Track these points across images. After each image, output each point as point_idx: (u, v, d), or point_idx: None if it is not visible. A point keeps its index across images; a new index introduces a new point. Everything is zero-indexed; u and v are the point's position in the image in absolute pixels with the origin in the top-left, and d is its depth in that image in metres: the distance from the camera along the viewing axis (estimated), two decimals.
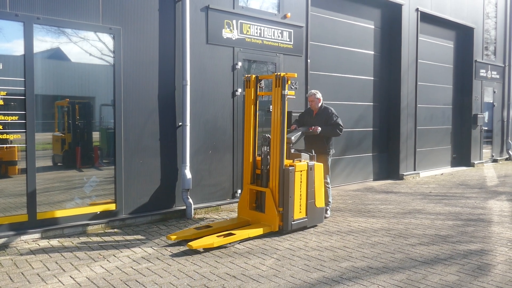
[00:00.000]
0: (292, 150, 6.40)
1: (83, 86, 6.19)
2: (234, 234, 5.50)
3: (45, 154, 5.86)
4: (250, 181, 6.31)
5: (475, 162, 13.87)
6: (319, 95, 6.94)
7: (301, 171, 6.02)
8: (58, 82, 5.97)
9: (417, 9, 11.36)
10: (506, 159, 15.68)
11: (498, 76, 15.04)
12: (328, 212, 6.99)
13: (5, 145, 5.46)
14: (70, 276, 4.37)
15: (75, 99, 6.18)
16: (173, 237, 5.49)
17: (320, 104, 6.96)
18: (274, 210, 5.91)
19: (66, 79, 6.05)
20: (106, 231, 6.05)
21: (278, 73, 5.94)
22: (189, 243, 5.17)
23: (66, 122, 6.16)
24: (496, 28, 14.83)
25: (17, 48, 5.46)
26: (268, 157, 6.05)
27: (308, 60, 8.72)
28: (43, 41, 5.65)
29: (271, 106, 6.23)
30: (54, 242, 5.47)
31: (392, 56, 11.13)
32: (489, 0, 14.45)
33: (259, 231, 5.76)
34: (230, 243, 5.40)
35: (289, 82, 5.95)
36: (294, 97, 6.31)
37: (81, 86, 6.16)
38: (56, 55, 5.92)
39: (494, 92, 15.04)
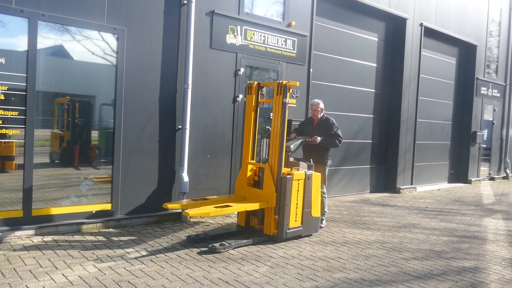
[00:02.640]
0: (291, 159, 6.41)
1: (85, 85, 6.20)
2: (231, 206, 5.52)
3: (43, 151, 5.86)
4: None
5: (472, 179, 13.89)
6: (322, 105, 6.94)
7: (298, 180, 6.01)
8: (59, 80, 5.98)
9: (421, 24, 11.40)
10: (503, 178, 15.69)
11: (498, 95, 15.10)
12: (324, 222, 6.98)
13: (3, 140, 5.46)
14: (63, 274, 4.35)
15: (76, 97, 6.19)
16: (170, 205, 5.56)
17: (321, 114, 6.97)
18: (272, 186, 5.85)
19: (67, 77, 6.06)
20: (100, 230, 6.03)
21: (280, 81, 5.95)
22: (186, 211, 5.26)
23: (65, 119, 6.16)
24: (498, 46, 14.92)
25: (20, 43, 5.47)
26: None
27: (311, 70, 8.74)
28: (47, 38, 5.66)
29: (271, 113, 6.24)
30: (48, 239, 5.45)
31: (394, 69, 11.16)
32: (493, 18, 14.54)
33: (255, 205, 5.76)
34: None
35: (290, 90, 5.96)
36: (295, 105, 6.32)
37: (82, 84, 6.17)
38: (59, 52, 5.93)
39: (494, 110, 15.09)
